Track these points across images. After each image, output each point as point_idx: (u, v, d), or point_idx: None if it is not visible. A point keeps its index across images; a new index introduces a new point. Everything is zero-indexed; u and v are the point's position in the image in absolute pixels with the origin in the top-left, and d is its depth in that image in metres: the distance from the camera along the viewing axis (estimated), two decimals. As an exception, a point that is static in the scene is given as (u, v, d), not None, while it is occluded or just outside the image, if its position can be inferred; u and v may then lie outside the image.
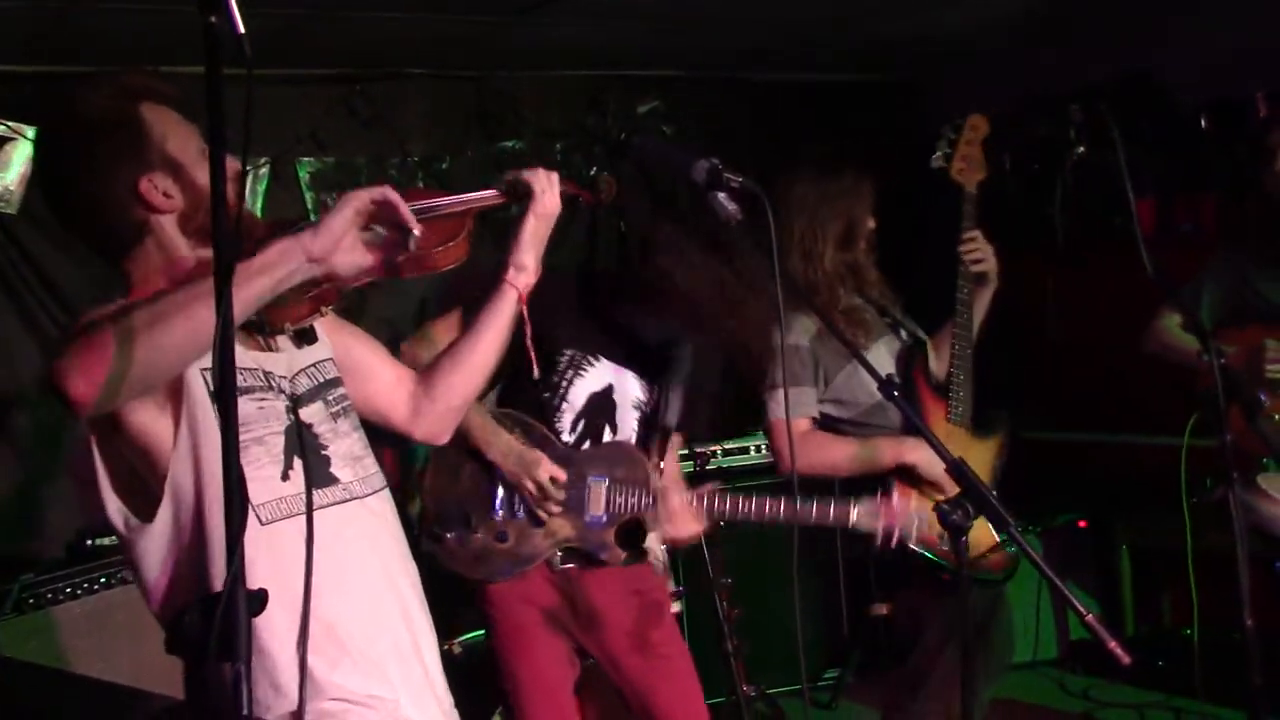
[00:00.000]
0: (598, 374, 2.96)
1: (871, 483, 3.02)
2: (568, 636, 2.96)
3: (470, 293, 2.32)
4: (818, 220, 3.17)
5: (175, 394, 1.79)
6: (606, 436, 2.98)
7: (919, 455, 3.01)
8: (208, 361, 1.81)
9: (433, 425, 2.19)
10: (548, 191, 2.11)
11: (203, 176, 1.87)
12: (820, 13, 4.62)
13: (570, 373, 2.94)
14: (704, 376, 3.07)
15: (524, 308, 2.15)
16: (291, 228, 1.94)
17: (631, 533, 2.94)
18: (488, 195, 2.08)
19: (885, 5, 4.58)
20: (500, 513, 2.87)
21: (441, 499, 2.91)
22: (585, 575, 2.92)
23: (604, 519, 2.88)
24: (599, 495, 2.88)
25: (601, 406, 2.96)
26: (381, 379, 2.18)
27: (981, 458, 3.16)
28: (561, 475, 2.85)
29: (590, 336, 2.96)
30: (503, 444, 2.85)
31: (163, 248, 1.90)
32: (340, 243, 1.77)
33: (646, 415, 3.01)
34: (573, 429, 2.95)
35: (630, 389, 3.00)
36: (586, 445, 2.95)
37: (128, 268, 1.92)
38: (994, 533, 3.05)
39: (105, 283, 2.04)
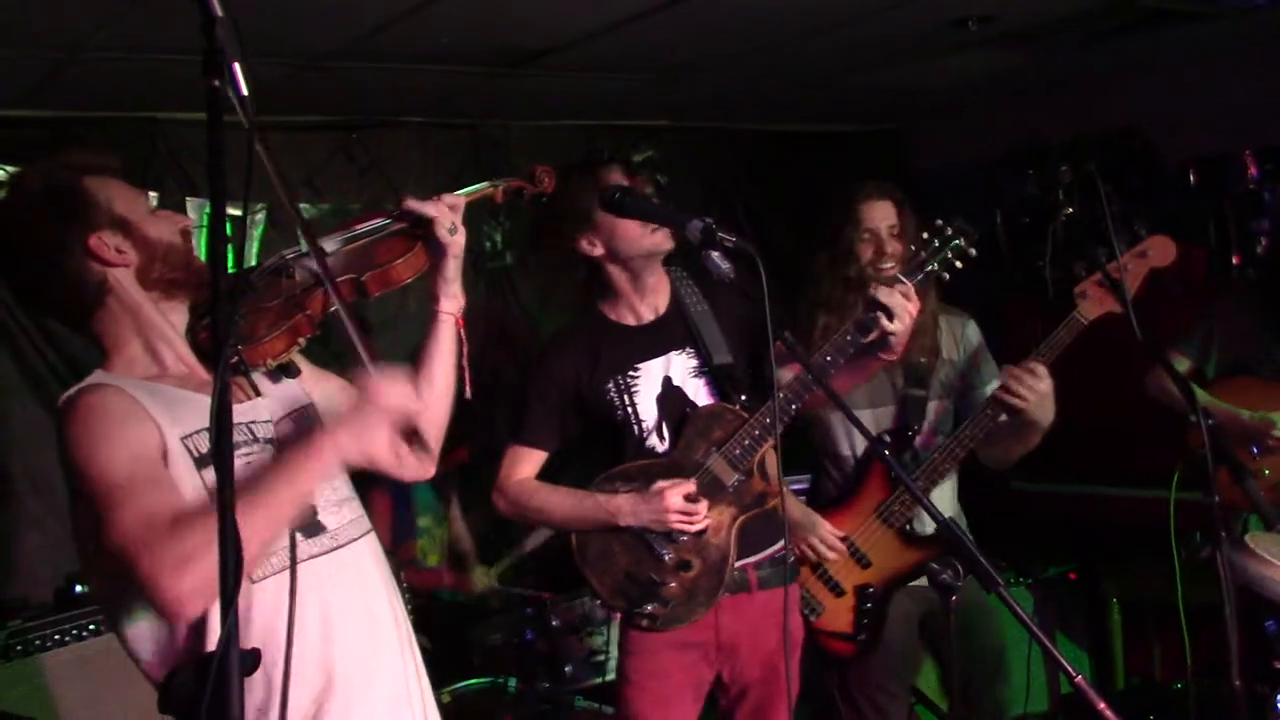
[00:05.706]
0: (648, 377, 2.97)
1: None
2: (705, 664, 2.97)
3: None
4: (809, 284, 3.30)
5: (160, 482, 1.79)
6: None
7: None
8: (187, 428, 1.83)
9: (415, 461, 2.19)
10: (458, 231, 2.22)
11: (154, 230, 1.94)
12: (811, 65, 4.67)
13: (625, 396, 2.95)
14: (718, 299, 3.04)
15: (461, 330, 2.25)
16: (250, 272, 1.99)
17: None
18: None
19: (873, 58, 4.63)
20: (668, 554, 2.87)
21: (618, 587, 2.91)
22: (732, 603, 2.94)
23: (741, 478, 2.89)
24: (722, 465, 2.89)
25: (673, 399, 2.96)
26: None
27: (888, 560, 3.18)
28: (690, 487, 2.85)
29: (615, 355, 2.98)
30: (625, 509, 2.86)
31: (126, 306, 1.93)
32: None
33: (709, 373, 2.99)
34: (662, 437, 2.95)
35: (681, 364, 2.98)
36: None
37: (97, 330, 1.95)
38: (851, 621, 3.17)
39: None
